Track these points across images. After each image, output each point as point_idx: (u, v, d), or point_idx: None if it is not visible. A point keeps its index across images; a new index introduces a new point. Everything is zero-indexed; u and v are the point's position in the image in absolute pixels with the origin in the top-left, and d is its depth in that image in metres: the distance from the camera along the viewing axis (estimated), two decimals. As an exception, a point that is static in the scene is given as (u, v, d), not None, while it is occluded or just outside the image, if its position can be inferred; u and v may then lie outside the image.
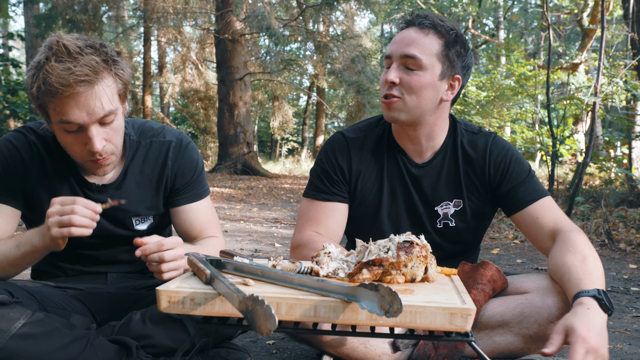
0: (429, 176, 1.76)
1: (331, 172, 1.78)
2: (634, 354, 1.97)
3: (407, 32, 1.67)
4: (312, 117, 24.17)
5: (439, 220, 1.78)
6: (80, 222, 1.36)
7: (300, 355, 1.84)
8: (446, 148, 1.77)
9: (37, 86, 1.38)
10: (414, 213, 1.78)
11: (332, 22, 15.18)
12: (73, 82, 1.36)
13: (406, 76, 1.64)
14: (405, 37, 1.66)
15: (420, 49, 1.63)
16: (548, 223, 1.66)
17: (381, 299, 1.00)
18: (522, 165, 1.75)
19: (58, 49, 1.38)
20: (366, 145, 1.79)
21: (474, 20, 14.17)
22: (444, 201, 1.77)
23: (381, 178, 1.78)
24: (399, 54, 1.65)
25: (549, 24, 7.70)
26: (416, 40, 1.64)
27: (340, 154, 1.78)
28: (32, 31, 12.39)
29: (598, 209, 6.55)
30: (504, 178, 1.73)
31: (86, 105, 1.40)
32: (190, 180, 1.74)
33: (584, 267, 1.46)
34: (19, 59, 17.32)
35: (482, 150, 1.75)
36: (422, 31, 1.65)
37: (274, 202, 8.80)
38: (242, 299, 0.99)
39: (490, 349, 1.60)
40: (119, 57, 1.48)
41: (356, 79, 13.14)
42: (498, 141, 1.77)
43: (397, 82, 1.64)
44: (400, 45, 1.65)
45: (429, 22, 1.67)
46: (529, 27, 21.40)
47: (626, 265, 4.05)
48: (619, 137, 7.83)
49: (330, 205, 1.77)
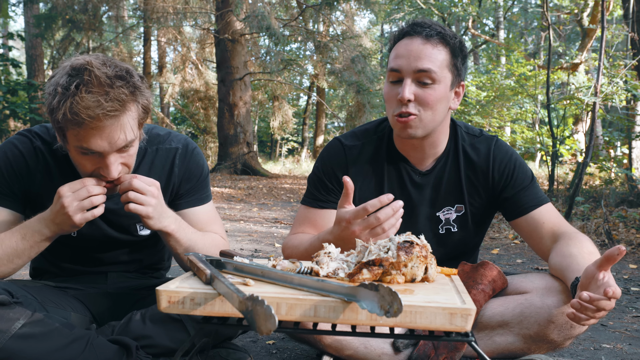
0: (432, 183, 1.75)
1: (327, 181, 1.76)
2: (634, 354, 1.97)
3: (414, 43, 1.59)
4: (312, 117, 24.17)
5: (441, 226, 1.77)
6: (100, 200, 1.43)
7: (300, 355, 1.84)
8: (448, 153, 1.75)
9: (63, 113, 1.34)
10: (416, 220, 1.77)
11: (332, 22, 15.17)
12: (102, 116, 1.35)
13: (421, 91, 1.57)
14: (414, 49, 1.58)
15: (433, 62, 1.57)
16: (552, 228, 1.65)
17: (381, 299, 1.00)
18: (526, 170, 1.74)
19: (89, 79, 1.35)
20: (364, 153, 1.77)
21: (474, 20, 14.16)
22: (445, 207, 1.76)
23: (381, 186, 1.76)
24: (411, 69, 1.57)
25: (549, 24, 7.70)
26: (426, 52, 1.57)
27: (337, 162, 1.76)
28: (32, 31, 12.39)
29: (598, 209, 6.55)
30: (509, 183, 1.72)
31: (110, 136, 1.40)
32: (195, 185, 1.74)
33: (590, 257, 1.45)
34: (19, 59, 17.31)
35: (485, 154, 1.73)
36: (430, 42, 1.58)
37: (274, 202, 8.80)
38: (242, 299, 0.99)
39: (491, 349, 1.60)
40: (143, 83, 1.46)
41: (356, 79, 13.14)
42: (501, 145, 1.76)
43: (412, 99, 1.57)
44: (411, 59, 1.57)
45: (434, 31, 1.59)
46: (529, 27, 21.39)
47: (626, 265, 4.05)
48: (619, 137, 7.82)
49: (326, 213, 1.76)
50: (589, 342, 2.11)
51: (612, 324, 2.39)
